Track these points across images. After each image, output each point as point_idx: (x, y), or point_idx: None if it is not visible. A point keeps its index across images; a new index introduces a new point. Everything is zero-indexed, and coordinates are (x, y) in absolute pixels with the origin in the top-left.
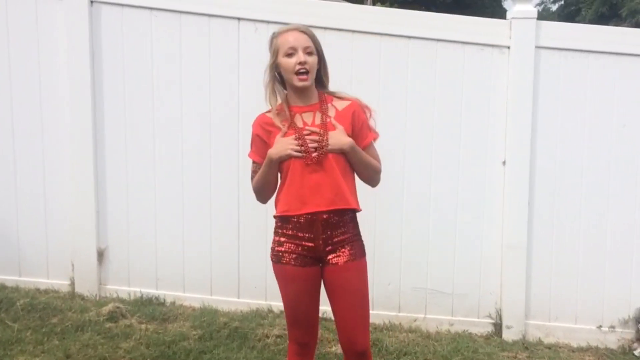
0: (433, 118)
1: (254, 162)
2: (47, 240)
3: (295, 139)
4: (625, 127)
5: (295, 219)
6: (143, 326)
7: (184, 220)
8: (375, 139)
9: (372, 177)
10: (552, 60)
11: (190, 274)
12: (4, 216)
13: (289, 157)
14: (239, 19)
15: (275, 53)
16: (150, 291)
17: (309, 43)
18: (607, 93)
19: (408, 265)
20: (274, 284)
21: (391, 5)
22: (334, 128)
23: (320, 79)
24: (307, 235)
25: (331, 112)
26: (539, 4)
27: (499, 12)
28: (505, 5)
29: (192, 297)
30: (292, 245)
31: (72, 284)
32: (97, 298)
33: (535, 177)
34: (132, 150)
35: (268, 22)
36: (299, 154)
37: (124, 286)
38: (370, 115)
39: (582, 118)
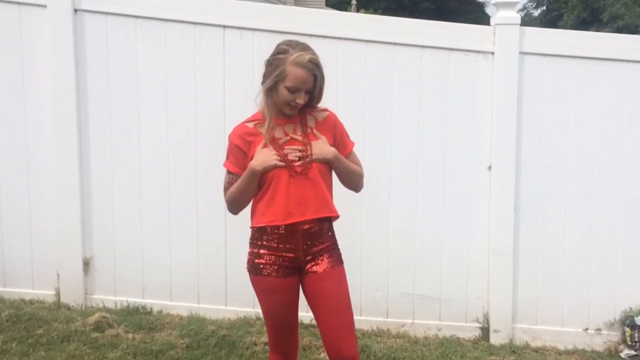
0: (418, 124)
1: (229, 173)
2: (32, 250)
3: (278, 149)
4: (609, 132)
5: (276, 230)
6: (130, 336)
7: (170, 229)
8: (353, 147)
9: (355, 182)
10: (536, 66)
11: (177, 283)
12: None
13: (274, 167)
14: (224, 26)
15: (278, 78)
16: (137, 300)
17: (312, 84)
18: (591, 98)
19: (395, 271)
20: None
21: (375, 12)
22: (316, 138)
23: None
24: (287, 246)
25: (311, 123)
26: (521, 10)
27: (482, 19)
28: (489, 11)
29: (179, 306)
30: (273, 256)
31: (58, 294)
32: (83, 308)
33: (521, 181)
34: (117, 159)
35: (253, 29)
36: (282, 164)
37: (111, 295)
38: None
39: (566, 122)
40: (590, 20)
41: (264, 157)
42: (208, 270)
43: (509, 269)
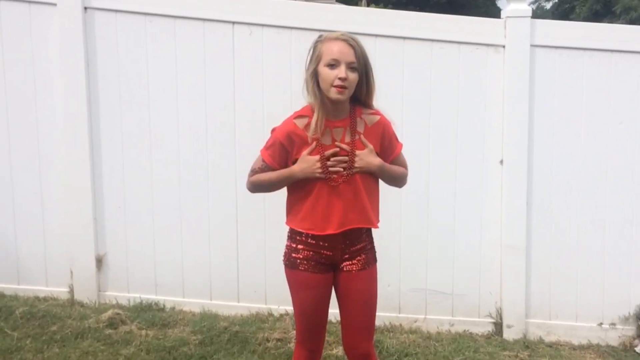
0: (429, 118)
1: (263, 161)
2: (46, 248)
3: (322, 160)
4: (622, 124)
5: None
6: (143, 332)
7: (182, 226)
8: (401, 149)
9: (399, 184)
10: (547, 59)
11: (190, 279)
12: (1, 225)
13: (315, 179)
14: (233, 22)
15: (317, 60)
16: (150, 297)
17: (354, 58)
18: (603, 90)
19: (407, 266)
20: (274, 288)
21: (385, 7)
22: (363, 147)
23: (355, 93)
24: (326, 244)
25: (360, 127)
26: (533, 2)
27: (492, 12)
28: (499, 4)
29: (192, 302)
30: (311, 252)
31: (71, 291)
32: (97, 305)
33: (533, 175)
34: (128, 156)
35: (262, 25)
36: (324, 176)
37: (124, 292)
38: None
39: (578, 115)
40: (602, 13)
41: (307, 165)
42: (220, 266)
43: (522, 264)
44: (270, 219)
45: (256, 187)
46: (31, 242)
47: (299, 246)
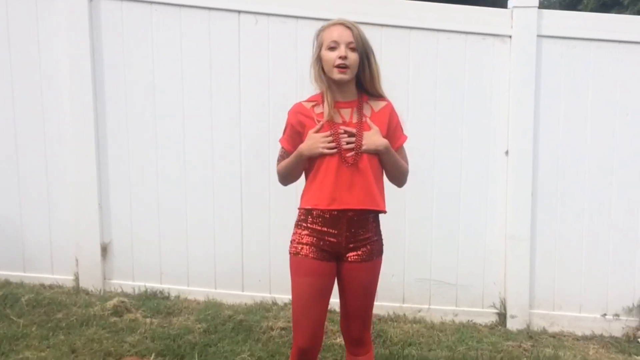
0: (435, 108)
1: (282, 148)
2: (51, 236)
3: (329, 136)
4: (629, 115)
5: (321, 213)
6: (148, 320)
7: (188, 215)
8: (405, 141)
9: (400, 178)
10: (554, 49)
11: (194, 268)
12: (7, 213)
13: (320, 155)
14: (239, 11)
15: (319, 46)
16: (155, 285)
17: (352, 39)
18: (610, 81)
19: (411, 256)
20: (278, 277)
21: None
22: (369, 128)
23: (360, 78)
24: (331, 230)
25: (367, 111)
26: None
27: (499, 1)
28: None
29: (197, 291)
30: (314, 238)
31: (77, 279)
32: (102, 293)
33: (539, 166)
34: (134, 145)
35: (268, 14)
36: (331, 152)
37: (129, 281)
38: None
39: (585, 106)
40: (610, 4)
41: (313, 142)
42: (225, 256)
43: (526, 255)
44: (275, 208)
45: (280, 176)
46: (37, 230)
47: (304, 232)
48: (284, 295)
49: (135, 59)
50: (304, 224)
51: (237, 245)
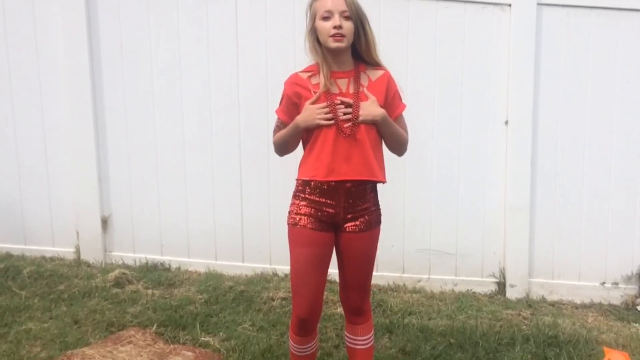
0: (434, 78)
1: (278, 119)
2: (51, 209)
3: (326, 107)
4: (629, 83)
5: (319, 185)
6: (149, 291)
7: (187, 187)
8: (404, 110)
9: (399, 147)
10: (554, 17)
11: (195, 240)
12: (7, 187)
13: (316, 126)
14: None
15: (312, 17)
16: (156, 257)
17: (345, 7)
18: (610, 49)
19: (411, 227)
20: (279, 248)
21: None
22: (366, 98)
23: (356, 47)
24: (328, 201)
25: (364, 81)
26: None
27: None
28: None
29: (197, 263)
30: (312, 209)
31: (78, 251)
32: (103, 265)
33: (538, 136)
34: (132, 117)
35: None
36: (327, 123)
37: (129, 253)
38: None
39: (585, 75)
40: None
41: (309, 113)
42: (225, 227)
43: (526, 224)
44: (274, 179)
45: (276, 147)
46: (37, 203)
47: (302, 203)
48: (284, 266)
49: (132, 36)
50: (302, 195)
51: (237, 217)
